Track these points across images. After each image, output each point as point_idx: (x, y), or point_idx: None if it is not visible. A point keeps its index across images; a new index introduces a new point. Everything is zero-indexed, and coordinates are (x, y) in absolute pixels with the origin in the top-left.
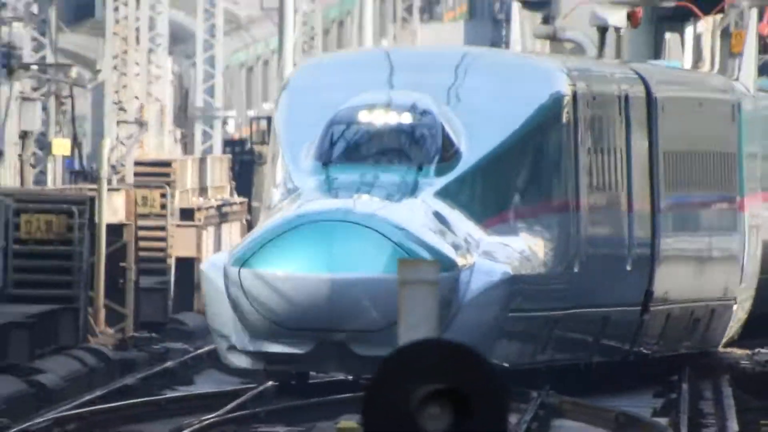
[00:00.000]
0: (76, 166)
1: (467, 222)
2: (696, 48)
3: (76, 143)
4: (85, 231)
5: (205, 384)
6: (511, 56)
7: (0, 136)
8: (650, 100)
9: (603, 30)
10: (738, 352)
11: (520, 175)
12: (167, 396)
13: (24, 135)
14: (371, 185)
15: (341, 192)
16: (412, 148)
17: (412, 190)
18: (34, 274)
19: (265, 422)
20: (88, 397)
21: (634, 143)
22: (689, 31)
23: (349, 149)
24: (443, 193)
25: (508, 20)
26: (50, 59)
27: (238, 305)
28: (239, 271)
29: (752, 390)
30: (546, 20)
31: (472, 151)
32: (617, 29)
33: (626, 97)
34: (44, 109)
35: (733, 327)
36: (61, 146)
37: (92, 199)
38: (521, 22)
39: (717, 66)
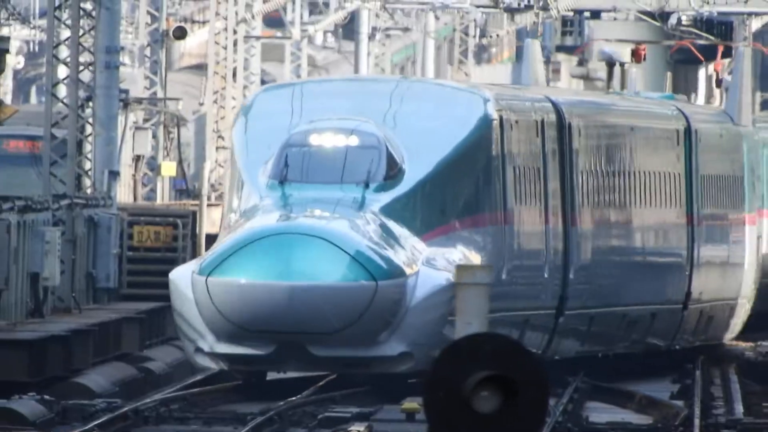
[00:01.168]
0: (181, 185)
1: (411, 234)
2: (708, 85)
3: (181, 166)
4: (188, 240)
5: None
6: (444, 84)
7: (117, 159)
8: (562, 124)
9: (610, 65)
10: (742, 344)
11: (456, 191)
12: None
13: (137, 158)
14: (323, 201)
15: (296, 208)
16: (359, 167)
17: (361, 206)
18: (145, 277)
19: (341, 404)
20: (189, 381)
21: (548, 164)
22: (702, 71)
23: (303, 169)
24: (388, 209)
25: (548, 62)
26: (160, 94)
27: (204, 311)
28: (206, 280)
29: (756, 377)
30: (581, 62)
31: (413, 170)
32: (622, 64)
33: (542, 123)
34: (154, 136)
35: (739, 323)
36: (169, 168)
37: (194, 213)
38: (537, 59)
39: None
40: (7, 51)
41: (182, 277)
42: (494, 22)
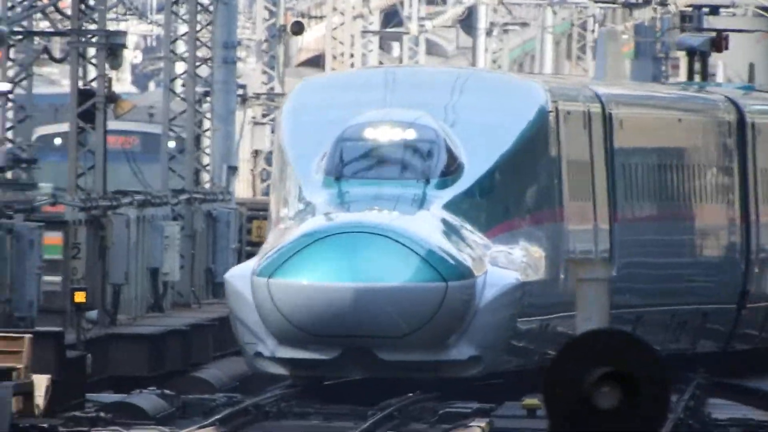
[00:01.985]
0: None
1: (475, 232)
2: None
3: None
4: None
5: None
6: (499, 75)
7: (235, 154)
8: (605, 116)
9: (691, 54)
10: None
11: (517, 186)
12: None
13: (255, 153)
14: (383, 198)
15: (356, 205)
16: (418, 163)
17: (422, 203)
18: None
19: (463, 399)
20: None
21: (595, 158)
22: None
23: (359, 164)
24: (450, 205)
25: (667, 58)
26: (277, 90)
27: (265, 314)
28: (267, 282)
29: None
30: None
31: (473, 164)
32: (702, 53)
33: (588, 113)
34: (272, 131)
35: None
36: None
37: None
38: (611, 52)
39: None
40: (124, 46)
41: (240, 278)
42: (613, 18)
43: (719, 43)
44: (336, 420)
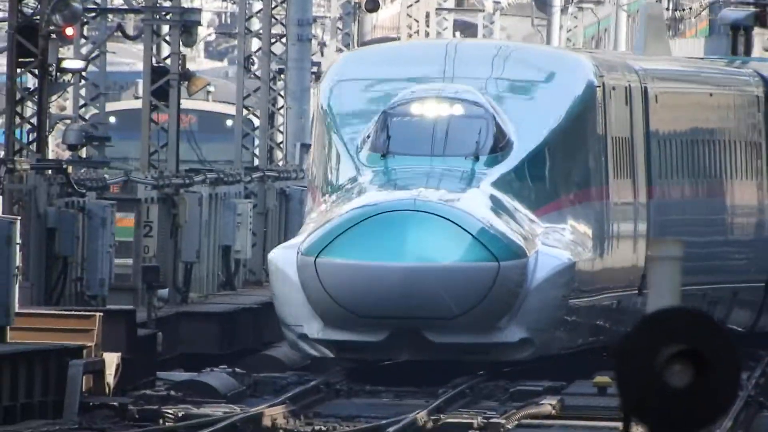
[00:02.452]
0: None
1: (525, 210)
2: None
3: None
4: None
5: None
6: (545, 49)
7: (309, 132)
8: (643, 91)
9: (735, 29)
10: None
11: (567, 163)
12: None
13: None
14: (431, 176)
15: (403, 182)
16: (467, 139)
17: (471, 180)
18: None
19: (531, 378)
20: None
21: (635, 133)
22: None
23: (406, 141)
24: (500, 183)
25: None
26: None
27: (312, 294)
28: (315, 261)
29: None
30: None
31: (522, 141)
32: (746, 28)
33: (630, 88)
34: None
35: None
36: None
37: None
38: (652, 27)
39: None
40: (198, 23)
41: (285, 257)
42: None
43: (763, 17)
44: (407, 397)
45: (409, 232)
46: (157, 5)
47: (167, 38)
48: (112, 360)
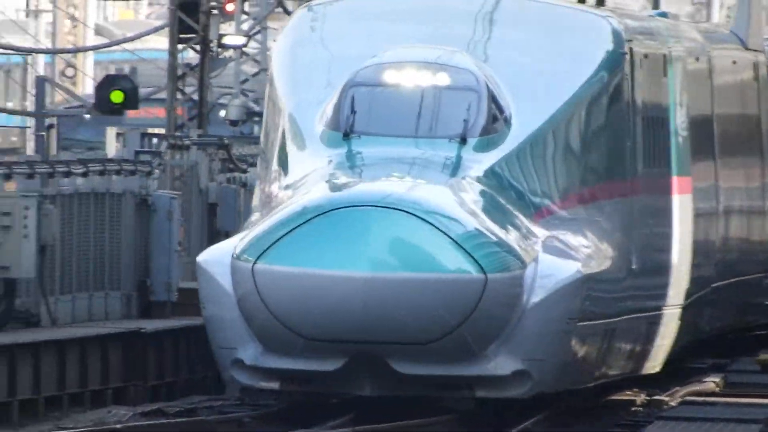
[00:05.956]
0: None
1: (524, 209)
2: None
3: None
4: None
5: None
6: (558, 4)
7: None
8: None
9: None
10: None
11: (579, 150)
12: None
13: None
14: (406, 162)
15: (368, 170)
16: (453, 116)
17: (456, 169)
18: None
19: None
20: None
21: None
22: None
23: (374, 117)
24: (493, 173)
25: None
26: None
27: (249, 310)
28: (252, 268)
29: None
30: None
31: (523, 120)
32: None
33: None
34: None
35: None
36: None
37: None
38: None
39: None
40: None
41: (216, 261)
42: None
43: None
44: None
45: (373, 234)
46: None
47: None
48: None
